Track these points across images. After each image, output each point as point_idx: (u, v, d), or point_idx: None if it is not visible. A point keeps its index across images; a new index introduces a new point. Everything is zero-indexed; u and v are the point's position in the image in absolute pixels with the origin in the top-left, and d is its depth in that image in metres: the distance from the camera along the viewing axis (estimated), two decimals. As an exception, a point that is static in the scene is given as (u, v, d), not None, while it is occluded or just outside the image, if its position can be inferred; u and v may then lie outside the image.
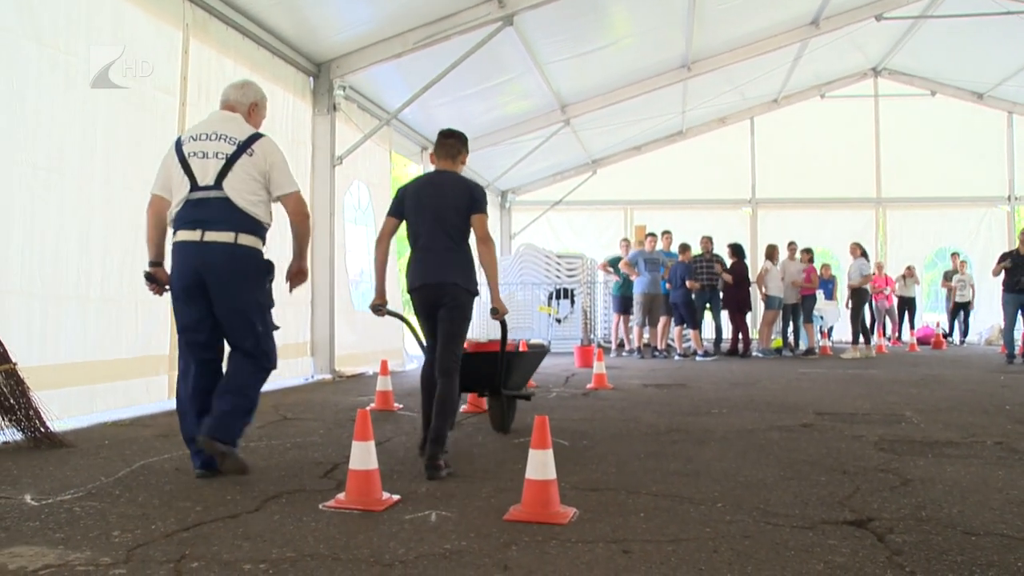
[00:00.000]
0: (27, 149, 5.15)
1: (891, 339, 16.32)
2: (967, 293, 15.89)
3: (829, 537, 2.93)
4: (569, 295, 14.28)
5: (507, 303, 5.21)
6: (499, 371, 5.13)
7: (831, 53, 14.70)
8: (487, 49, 8.90)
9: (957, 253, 16.49)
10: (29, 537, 2.88)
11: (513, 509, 3.20)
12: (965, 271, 15.90)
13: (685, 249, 12.77)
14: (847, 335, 14.26)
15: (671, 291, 12.56)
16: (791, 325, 13.61)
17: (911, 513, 3.26)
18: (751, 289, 13.60)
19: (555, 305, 14.09)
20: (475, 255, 4.39)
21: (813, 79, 16.61)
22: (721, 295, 12.94)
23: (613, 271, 13.59)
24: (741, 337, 12.91)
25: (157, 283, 4.02)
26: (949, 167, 16.87)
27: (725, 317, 13.24)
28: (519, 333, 12.39)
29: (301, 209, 4.01)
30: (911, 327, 16.23)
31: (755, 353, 12.93)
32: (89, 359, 5.64)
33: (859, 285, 12.82)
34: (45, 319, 5.29)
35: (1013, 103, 16.69)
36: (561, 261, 14.57)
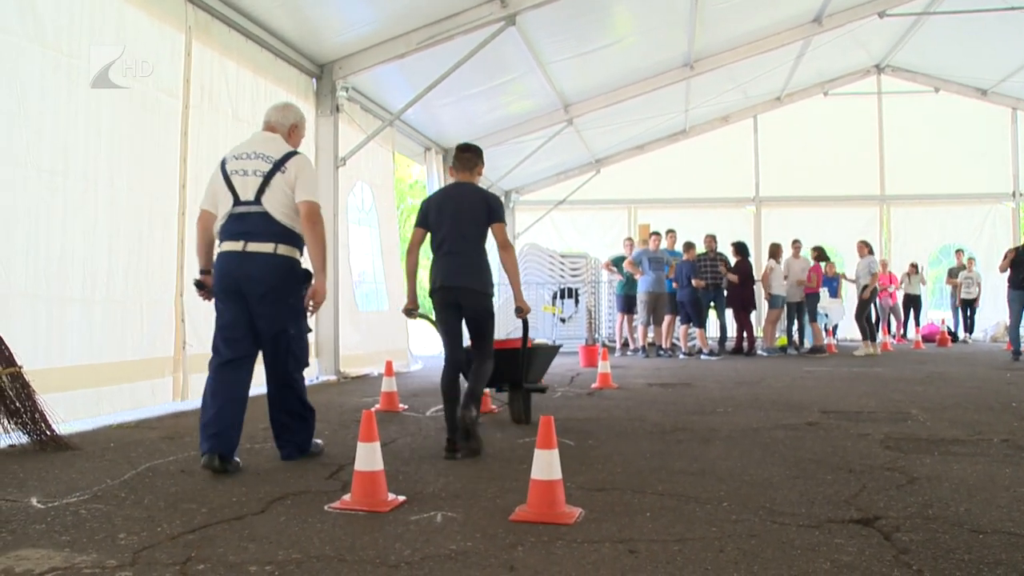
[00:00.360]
0: (31, 151, 5.16)
1: (896, 336, 16.28)
2: (973, 290, 15.83)
3: (835, 536, 2.92)
4: (573, 295, 14.27)
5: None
6: (520, 366, 5.48)
7: (834, 50, 14.67)
8: (490, 49, 8.89)
9: (962, 250, 16.44)
10: (35, 540, 2.88)
11: (519, 509, 3.20)
12: (972, 268, 15.83)
13: (689, 247, 12.75)
14: (852, 333, 14.26)
15: (678, 290, 12.55)
16: (795, 323, 13.60)
17: (918, 511, 3.25)
18: (755, 287, 13.59)
19: (559, 305, 14.08)
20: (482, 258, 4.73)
21: (816, 77, 16.59)
22: (725, 293, 12.93)
23: (617, 270, 13.59)
24: (745, 336, 12.90)
25: (206, 290, 4.34)
26: (953, 164, 16.83)
27: (729, 316, 13.24)
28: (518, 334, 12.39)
29: (312, 217, 4.16)
30: (916, 324, 16.18)
31: (759, 352, 12.92)
32: (95, 361, 5.65)
33: (870, 285, 12.76)
34: (50, 321, 5.30)
35: (1017, 99, 16.64)
36: (565, 261, 14.56)
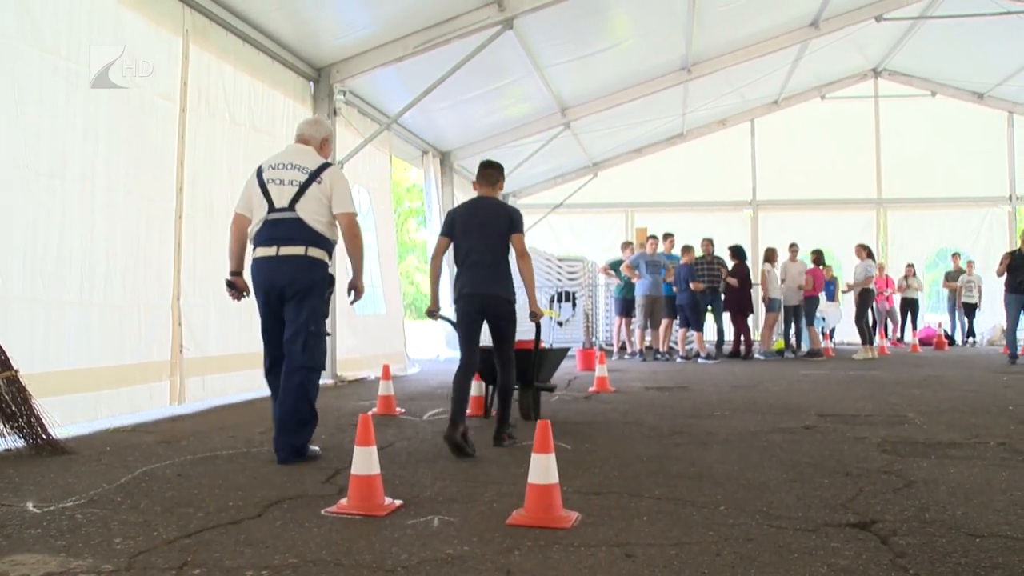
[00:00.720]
0: (29, 155, 5.15)
1: (893, 340, 16.29)
2: (974, 294, 15.82)
3: (832, 540, 2.92)
4: (571, 298, 14.27)
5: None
6: (533, 366, 5.89)
7: (831, 54, 14.70)
8: (487, 53, 8.89)
9: (958, 253, 16.48)
10: (31, 545, 2.87)
11: (516, 514, 3.20)
12: (972, 272, 15.83)
13: (687, 251, 12.77)
14: (850, 336, 14.28)
15: (676, 293, 12.55)
16: (793, 327, 13.61)
17: (914, 515, 3.25)
18: (753, 291, 13.60)
19: (557, 308, 14.08)
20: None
21: (813, 80, 16.62)
22: (723, 297, 12.94)
23: (615, 274, 13.59)
24: (743, 339, 12.90)
25: (236, 289, 4.65)
26: (950, 167, 16.86)
27: (727, 319, 13.24)
28: (521, 336, 12.40)
29: (352, 229, 4.52)
30: (913, 328, 16.20)
31: (756, 355, 12.92)
32: (92, 365, 5.64)
33: (861, 286, 12.80)
34: (48, 325, 5.29)
35: (1013, 103, 16.69)
36: (562, 264, 14.57)
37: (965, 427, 5.53)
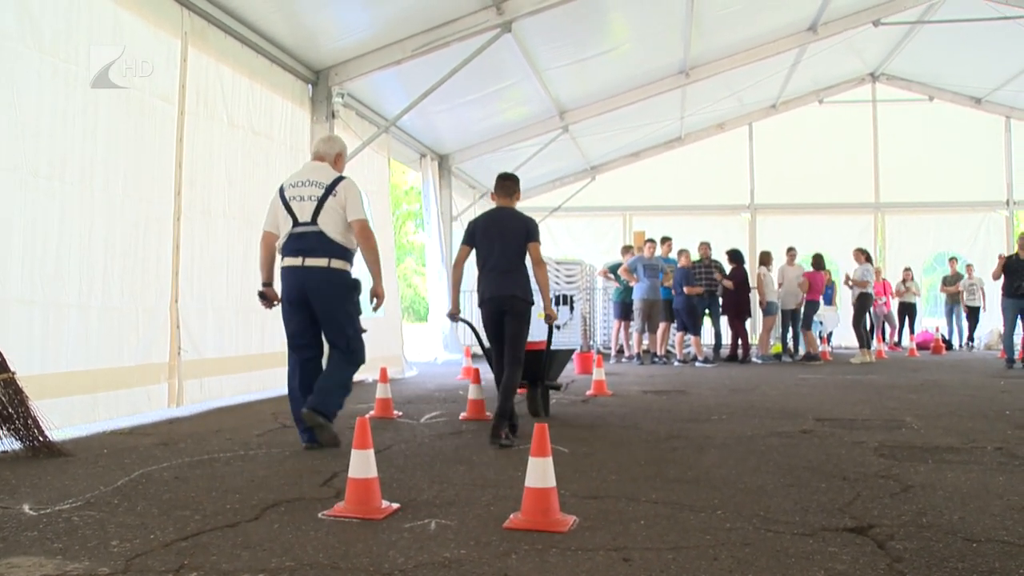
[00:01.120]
0: (28, 156, 5.15)
1: (890, 344, 16.30)
2: (976, 297, 15.80)
3: (829, 544, 2.92)
4: (568, 301, 14.26)
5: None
6: (544, 365, 6.25)
7: (829, 58, 14.72)
8: (486, 56, 8.90)
9: (955, 258, 16.49)
10: (27, 547, 2.87)
11: (513, 517, 3.20)
12: (974, 275, 15.80)
13: (682, 254, 12.79)
14: (848, 340, 14.28)
15: (675, 297, 12.56)
16: (790, 331, 13.61)
17: (912, 520, 3.25)
18: (751, 294, 13.60)
19: (554, 311, 14.06)
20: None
21: (811, 84, 16.65)
22: (721, 301, 12.95)
23: (613, 277, 13.59)
24: (740, 343, 12.91)
25: (267, 300, 5.08)
26: (947, 172, 16.89)
27: (724, 323, 13.25)
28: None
29: (364, 234, 4.87)
30: (911, 332, 16.22)
31: (754, 359, 12.93)
32: (91, 367, 5.63)
33: (858, 287, 12.79)
34: (46, 327, 5.29)
35: (1011, 108, 16.72)
36: (560, 267, 14.56)
37: (962, 431, 5.53)
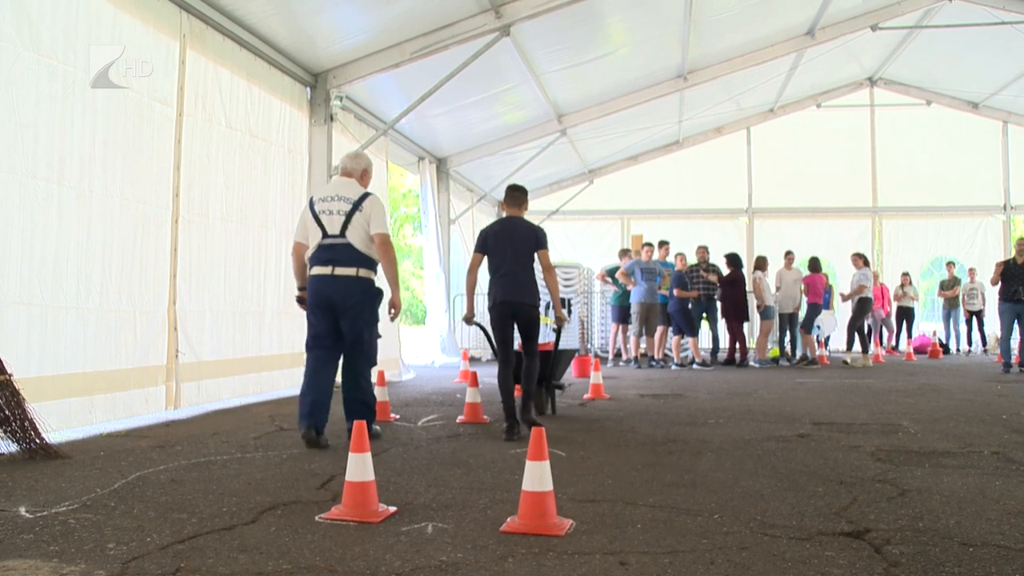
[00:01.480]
0: (27, 159, 5.15)
1: (887, 348, 16.32)
2: (977, 301, 15.81)
3: (826, 548, 2.92)
4: (566, 305, 14.25)
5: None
6: (551, 365, 6.65)
7: (827, 63, 14.77)
8: (484, 59, 8.92)
9: (953, 262, 16.52)
10: (23, 550, 2.86)
11: (510, 521, 3.20)
12: (975, 279, 15.82)
13: (679, 257, 12.82)
14: (844, 344, 14.28)
15: (669, 300, 12.56)
16: (788, 335, 13.62)
17: (908, 524, 3.25)
18: (750, 297, 13.61)
19: (551, 315, 14.06)
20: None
21: (809, 89, 16.69)
22: (719, 305, 12.95)
23: (611, 281, 13.60)
24: (738, 347, 12.91)
25: (304, 303, 5.35)
26: (945, 177, 16.96)
27: (722, 326, 13.26)
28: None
29: (385, 246, 5.19)
30: (908, 336, 16.24)
31: (751, 363, 12.93)
32: (88, 370, 5.63)
33: (855, 295, 12.84)
34: (44, 329, 5.28)
35: (1008, 113, 16.78)
36: (558, 271, 14.54)
37: (959, 436, 5.54)
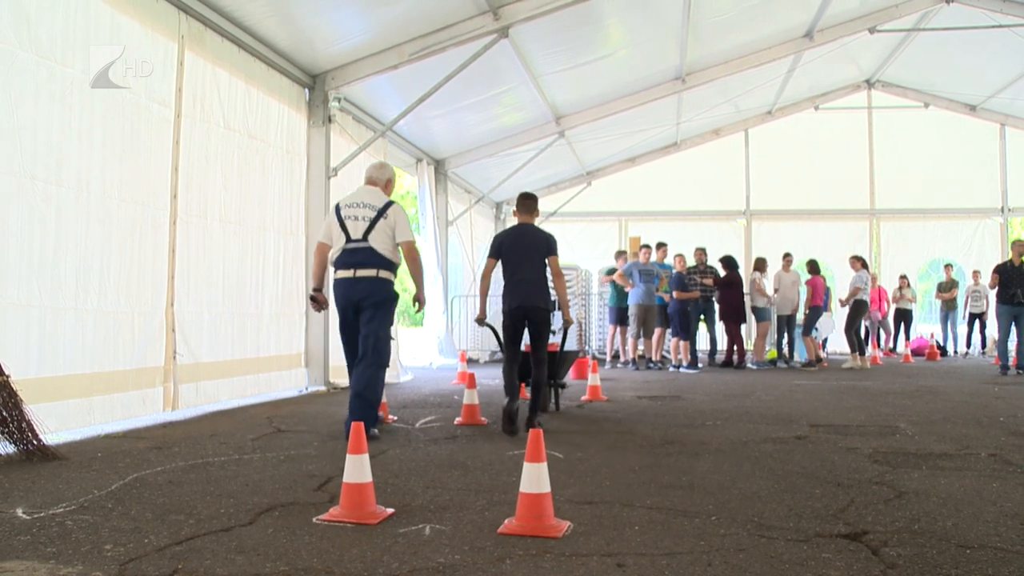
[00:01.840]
0: (25, 160, 5.14)
1: (885, 350, 16.33)
2: (981, 304, 15.80)
3: (823, 550, 2.93)
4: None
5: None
6: (556, 365, 6.92)
7: (825, 65, 14.78)
8: (482, 61, 8.92)
9: (950, 264, 16.54)
10: (20, 552, 2.86)
11: (507, 522, 3.20)
12: (979, 281, 15.81)
13: (678, 259, 12.82)
14: (843, 346, 14.29)
15: (669, 302, 12.57)
16: (785, 337, 13.62)
17: (905, 526, 3.26)
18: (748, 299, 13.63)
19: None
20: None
21: (807, 91, 16.70)
22: (717, 307, 12.96)
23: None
24: (736, 348, 12.92)
25: (317, 303, 5.72)
26: (942, 179, 16.97)
27: (720, 329, 13.26)
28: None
29: (412, 253, 5.61)
30: (906, 338, 16.25)
31: (749, 364, 12.94)
32: (86, 371, 5.62)
33: (851, 297, 12.86)
34: (43, 330, 5.27)
35: (1006, 115, 16.79)
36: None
37: (956, 438, 5.55)
